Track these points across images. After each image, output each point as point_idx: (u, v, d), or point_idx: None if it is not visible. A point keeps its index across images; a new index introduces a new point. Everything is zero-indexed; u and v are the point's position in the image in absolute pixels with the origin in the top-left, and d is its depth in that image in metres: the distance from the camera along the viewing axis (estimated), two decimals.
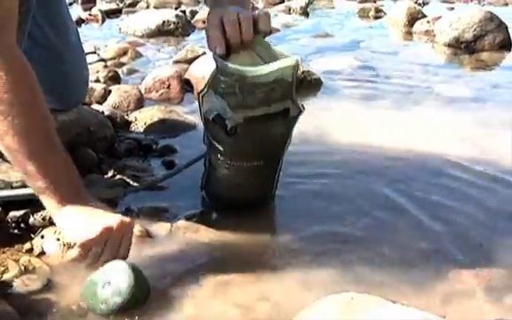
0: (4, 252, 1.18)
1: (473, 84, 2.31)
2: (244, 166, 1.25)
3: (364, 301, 0.92)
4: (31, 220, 1.26)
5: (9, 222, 1.26)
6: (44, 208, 1.25)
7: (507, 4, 3.94)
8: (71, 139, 1.48)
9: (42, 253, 1.19)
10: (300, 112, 1.21)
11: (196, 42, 2.65)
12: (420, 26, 3.02)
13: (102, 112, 1.68)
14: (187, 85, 2.05)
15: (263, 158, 1.26)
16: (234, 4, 1.21)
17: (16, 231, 1.25)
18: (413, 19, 3.09)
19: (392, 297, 0.98)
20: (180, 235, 1.28)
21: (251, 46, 1.17)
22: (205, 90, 1.19)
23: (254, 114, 1.16)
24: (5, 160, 1.32)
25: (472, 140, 1.77)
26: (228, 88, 1.14)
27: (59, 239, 1.18)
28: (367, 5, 3.47)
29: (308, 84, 2.14)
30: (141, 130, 1.72)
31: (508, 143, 1.72)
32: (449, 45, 2.78)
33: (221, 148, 1.22)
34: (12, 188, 1.28)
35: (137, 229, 1.24)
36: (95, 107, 1.77)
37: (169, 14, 2.81)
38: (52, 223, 1.23)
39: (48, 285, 1.10)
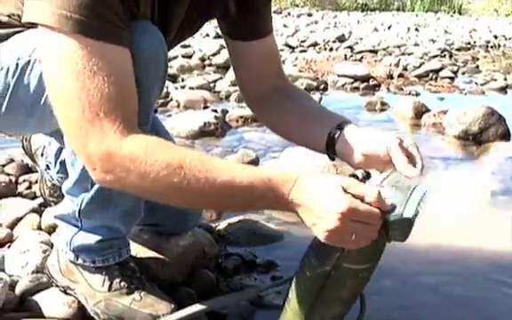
0: None
1: (497, 176, 2.37)
2: None
3: None
4: None
5: None
6: None
7: (483, 93, 4.11)
8: (191, 263, 1.42)
9: None
10: None
11: (235, 141, 2.66)
12: (427, 119, 3.10)
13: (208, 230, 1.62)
14: None
15: None
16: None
17: None
18: (419, 112, 3.18)
19: None
20: None
21: None
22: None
23: None
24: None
25: None
26: None
27: None
28: (373, 99, 3.54)
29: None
30: (233, 243, 1.67)
31: None
32: (458, 137, 2.86)
33: None
34: None
35: None
36: None
37: (208, 116, 2.79)
38: None
39: None
